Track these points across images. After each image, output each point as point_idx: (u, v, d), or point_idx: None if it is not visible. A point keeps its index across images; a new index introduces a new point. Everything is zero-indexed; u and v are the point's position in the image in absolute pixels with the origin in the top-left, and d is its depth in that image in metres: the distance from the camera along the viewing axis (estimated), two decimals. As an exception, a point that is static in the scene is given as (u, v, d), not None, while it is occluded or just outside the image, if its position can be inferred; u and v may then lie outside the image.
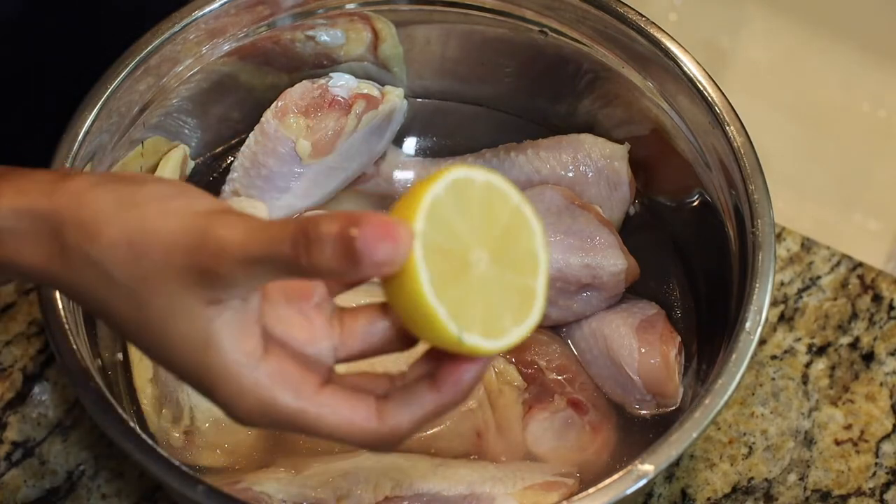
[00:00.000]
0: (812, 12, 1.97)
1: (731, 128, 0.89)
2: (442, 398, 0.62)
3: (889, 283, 1.02)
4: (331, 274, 0.58)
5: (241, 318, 0.61)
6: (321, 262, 0.57)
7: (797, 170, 1.82)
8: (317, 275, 0.58)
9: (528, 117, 1.05)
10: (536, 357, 0.93)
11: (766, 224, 0.86)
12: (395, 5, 0.99)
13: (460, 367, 0.62)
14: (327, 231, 0.57)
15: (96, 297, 0.63)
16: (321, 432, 0.62)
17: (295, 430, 0.63)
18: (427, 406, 0.62)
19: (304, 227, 0.57)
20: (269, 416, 0.62)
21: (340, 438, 0.63)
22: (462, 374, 0.62)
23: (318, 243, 0.57)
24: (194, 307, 0.60)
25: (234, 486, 0.85)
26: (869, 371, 0.99)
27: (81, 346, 0.81)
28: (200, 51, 0.96)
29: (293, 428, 0.62)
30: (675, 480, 0.94)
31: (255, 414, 0.62)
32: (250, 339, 0.61)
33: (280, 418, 0.62)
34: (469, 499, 0.84)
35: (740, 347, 0.81)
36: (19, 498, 0.92)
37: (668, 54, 0.93)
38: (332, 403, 0.62)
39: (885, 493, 0.94)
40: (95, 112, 0.89)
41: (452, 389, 0.62)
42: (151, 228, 0.61)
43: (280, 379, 0.61)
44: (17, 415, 0.95)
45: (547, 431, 0.91)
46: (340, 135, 0.98)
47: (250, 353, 0.61)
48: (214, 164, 1.03)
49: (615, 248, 0.93)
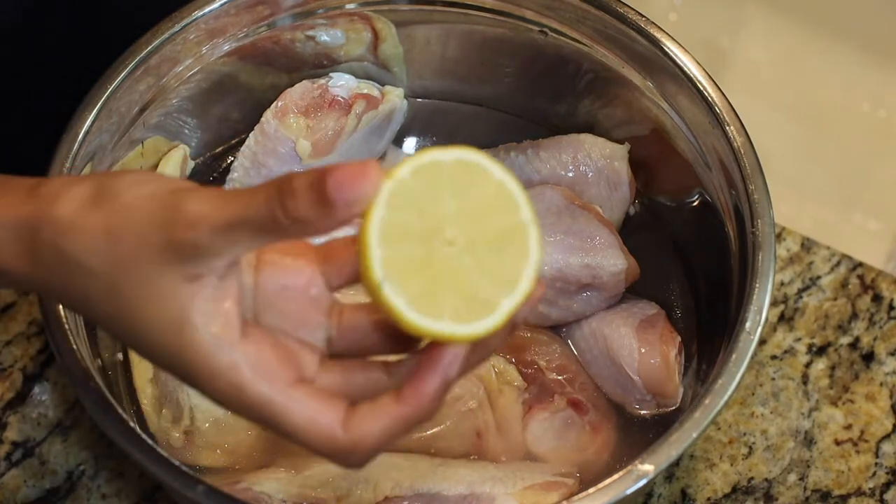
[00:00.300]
0: (812, 12, 1.97)
1: (731, 128, 0.89)
2: (405, 410, 0.61)
3: (889, 283, 1.02)
4: (308, 224, 0.58)
5: (218, 297, 0.60)
6: (297, 212, 0.57)
7: (797, 170, 1.82)
8: (294, 228, 0.58)
9: (528, 117, 1.05)
10: (536, 357, 0.93)
11: (766, 224, 0.86)
12: (395, 5, 0.99)
13: (423, 378, 0.61)
14: (298, 183, 0.58)
15: (73, 293, 0.62)
16: (285, 428, 0.61)
17: (261, 420, 0.62)
18: (391, 418, 0.61)
19: (278, 184, 0.58)
20: (240, 400, 0.61)
21: (303, 440, 0.62)
22: (424, 386, 0.61)
23: (292, 195, 0.57)
24: (170, 287, 0.60)
25: (234, 486, 0.85)
26: (869, 371, 0.99)
27: (81, 346, 0.81)
28: (200, 51, 0.96)
29: (260, 418, 0.62)
30: (675, 480, 0.94)
31: (227, 397, 0.61)
32: (226, 319, 0.61)
33: (249, 404, 0.61)
34: (469, 499, 0.84)
35: (740, 347, 0.81)
36: (19, 498, 0.92)
37: (668, 54, 0.93)
38: (301, 400, 0.61)
39: (885, 493, 0.94)
40: (95, 112, 0.89)
41: (416, 401, 0.61)
42: (127, 213, 0.60)
43: (254, 364, 0.61)
44: (17, 415, 0.95)
45: (547, 431, 0.91)
46: (340, 135, 0.98)
47: (225, 333, 0.60)
48: (214, 164, 1.03)
49: (615, 248, 0.93)
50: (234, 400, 0.61)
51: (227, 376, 0.61)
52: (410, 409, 0.61)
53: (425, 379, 0.61)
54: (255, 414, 0.62)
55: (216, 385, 0.61)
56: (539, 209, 0.94)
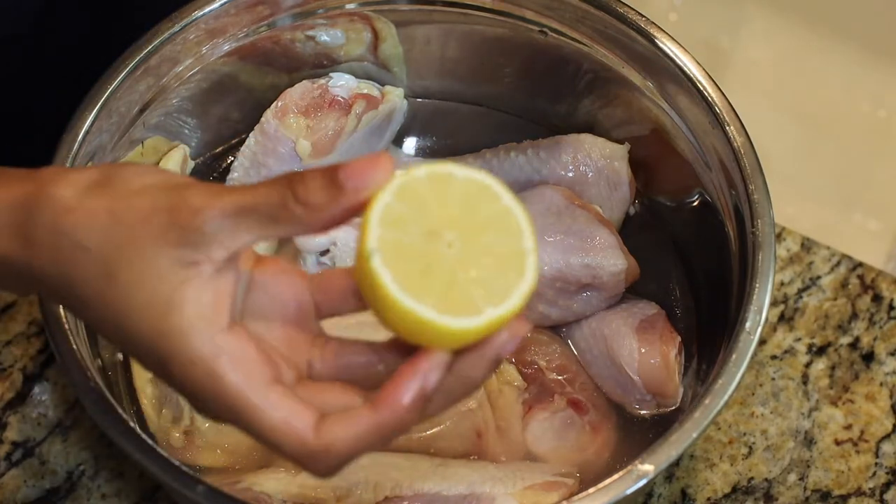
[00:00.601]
0: (812, 12, 1.97)
1: (731, 128, 0.89)
2: (379, 417, 0.59)
3: (889, 283, 1.02)
4: (315, 210, 0.58)
5: (211, 287, 0.60)
6: (307, 195, 0.58)
7: (797, 170, 1.82)
8: (301, 216, 0.59)
9: (528, 117, 1.05)
10: (536, 357, 0.93)
11: (766, 224, 0.86)
12: (395, 5, 0.99)
13: (399, 384, 0.59)
14: (309, 171, 0.59)
15: (64, 274, 0.61)
16: (257, 426, 0.60)
17: (232, 415, 0.60)
18: (364, 424, 0.59)
19: (287, 174, 0.59)
20: (214, 391, 0.60)
21: (274, 441, 0.60)
22: (399, 392, 0.59)
23: (302, 181, 0.59)
24: (165, 269, 0.59)
25: (234, 486, 0.85)
26: (869, 371, 0.99)
27: (81, 346, 0.81)
28: (200, 51, 0.96)
29: (231, 413, 0.60)
30: (675, 480, 0.94)
31: (201, 387, 0.60)
32: (215, 307, 0.60)
33: (222, 397, 0.60)
34: (469, 499, 0.84)
35: (740, 347, 0.81)
36: (19, 498, 0.92)
37: (667, 54, 0.93)
38: (276, 400, 0.60)
39: (885, 493, 0.94)
40: (95, 112, 0.89)
41: (390, 408, 0.59)
42: (131, 198, 0.60)
43: (235, 357, 0.60)
44: (17, 415, 0.95)
45: (547, 431, 0.91)
46: (340, 135, 0.98)
47: (212, 322, 0.60)
48: (214, 164, 1.03)
49: (615, 248, 0.93)
50: (207, 390, 0.60)
51: (206, 364, 0.59)
52: (384, 417, 0.59)
53: (401, 385, 0.59)
54: (227, 408, 0.60)
55: (192, 372, 0.60)
56: (539, 209, 0.94)
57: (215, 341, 0.60)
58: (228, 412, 0.61)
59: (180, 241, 0.59)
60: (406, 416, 0.59)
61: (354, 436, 0.60)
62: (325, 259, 0.96)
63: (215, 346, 0.60)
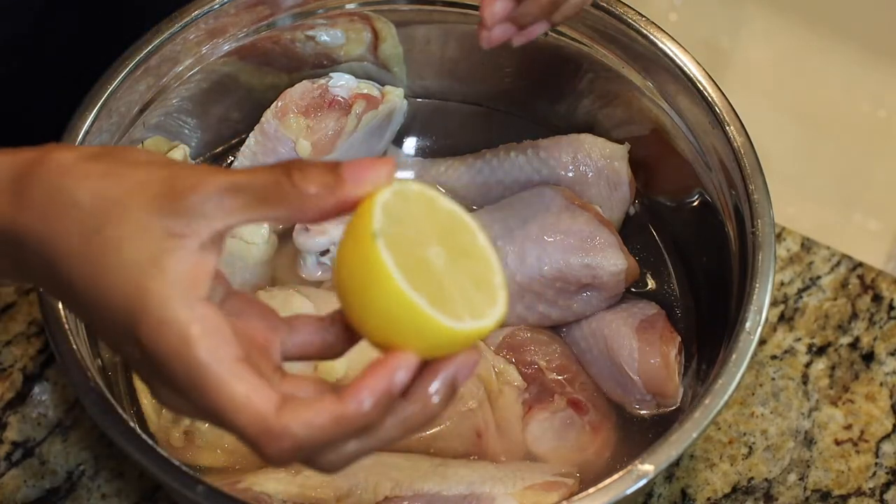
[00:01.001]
0: (812, 12, 1.97)
1: (731, 128, 0.89)
2: (343, 408, 0.59)
3: (889, 283, 1.02)
4: (310, 198, 0.59)
5: (196, 260, 0.60)
6: (303, 182, 0.59)
7: (797, 170, 1.82)
8: (295, 200, 0.59)
9: (528, 117, 1.05)
10: (536, 357, 0.93)
11: (766, 224, 0.86)
12: (395, 5, 0.99)
13: (367, 378, 0.59)
14: (312, 162, 0.60)
15: (43, 228, 0.61)
16: (217, 399, 0.59)
17: (193, 386, 0.59)
18: (327, 413, 0.59)
19: (289, 161, 0.61)
20: (180, 357, 0.59)
21: (232, 416, 0.59)
22: (366, 386, 0.59)
23: (301, 169, 0.60)
24: (152, 234, 0.59)
25: (234, 486, 0.85)
26: (869, 371, 0.99)
27: (81, 346, 0.81)
28: (200, 51, 0.96)
29: (193, 383, 0.59)
30: (675, 480, 0.94)
31: (168, 352, 0.59)
32: (194, 278, 0.60)
33: (188, 365, 0.59)
34: (469, 499, 0.84)
35: (740, 347, 0.81)
36: (19, 498, 0.92)
37: (667, 54, 0.93)
38: (242, 376, 0.59)
39: (885, 493, 0.94)
40: (95, 112, 0.89)
41: (356, 401, 0.59)
42: (130, 168, 0.61)
43: (207, 327, 0.59)
44: (17, 415, 0.95)
45: (547, 431, 0.91)
46: (340, 135, 0.98)
47: (192, 289, 0.59)
48: (214, 164, 1.03)
49: (615, 248, 0.93)
50: (173, 356, 0.59)
51: (179, 327, 0.59)
52: (349, 409, 0.59)
53: (369, 379, 0.59)
54: (190, 376, 0.59)
55: (163, 334, 0.59)
56: (539, 209, 0.94)
57: (193, 307, 0.59)
58: (191, 382, 0.60)
59: (170, 212, 0.60)
60: (371, 413, 0.59)
61: (316, 423, 0.59)
62: (325, 259, 0.96)
63: (193, 311, 0.59)
